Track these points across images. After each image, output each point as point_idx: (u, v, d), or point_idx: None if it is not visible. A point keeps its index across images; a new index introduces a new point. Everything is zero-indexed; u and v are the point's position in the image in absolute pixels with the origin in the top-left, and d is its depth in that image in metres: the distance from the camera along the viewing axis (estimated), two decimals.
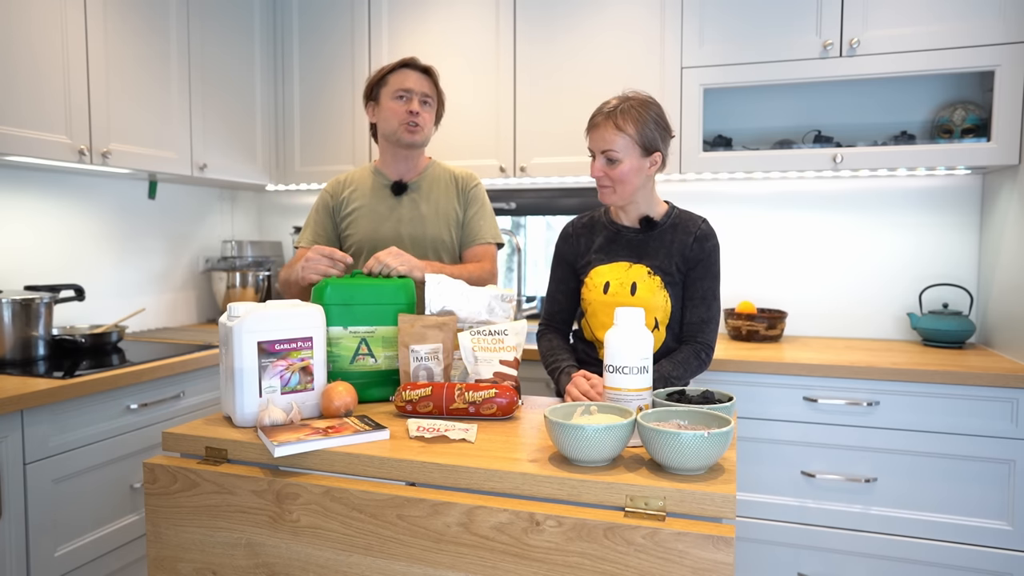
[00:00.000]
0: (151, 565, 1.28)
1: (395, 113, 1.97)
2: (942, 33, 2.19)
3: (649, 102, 1.65)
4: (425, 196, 2.03)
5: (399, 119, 1.97)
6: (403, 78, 1.98)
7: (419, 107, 1.97)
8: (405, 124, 1.96)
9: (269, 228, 3.43)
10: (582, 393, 1.48)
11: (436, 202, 2.03)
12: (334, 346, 1.50)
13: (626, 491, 1.04)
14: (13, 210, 2.29)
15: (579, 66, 2.59)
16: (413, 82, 1.97)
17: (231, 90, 2.79)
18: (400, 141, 1.99)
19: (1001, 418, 1.98)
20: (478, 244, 2.05)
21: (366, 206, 2.04)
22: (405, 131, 1.97)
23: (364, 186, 2.06)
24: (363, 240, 2.02)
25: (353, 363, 1.52)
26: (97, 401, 1.90)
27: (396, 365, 1.56)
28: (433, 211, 2.02)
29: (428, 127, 2.01)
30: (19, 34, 1.97)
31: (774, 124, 2.67)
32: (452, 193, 2.04)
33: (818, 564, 2.15)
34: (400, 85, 1.97)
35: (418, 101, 1.97)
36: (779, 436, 2.16)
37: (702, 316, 1.68)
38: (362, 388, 1.53)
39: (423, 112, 1.98)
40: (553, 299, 1.85)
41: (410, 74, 1.98)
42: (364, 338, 1.52)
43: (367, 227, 2.02)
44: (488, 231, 2.06)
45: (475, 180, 2.08)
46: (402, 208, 2.02)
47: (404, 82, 1.97)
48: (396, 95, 1.97)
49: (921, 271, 2.57)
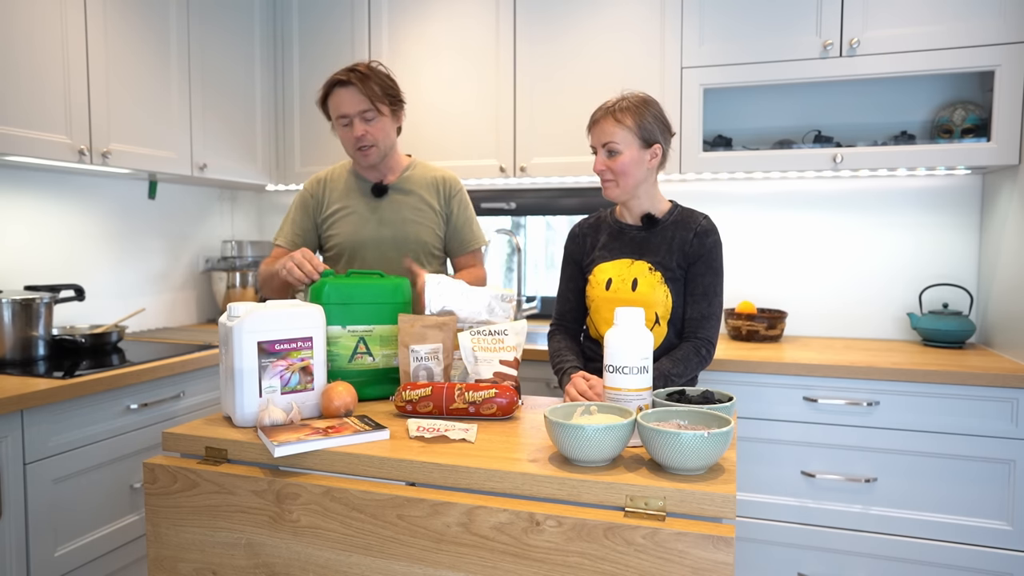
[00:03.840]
0: (151, 565, 1.28)
1: (345, 140, 1.94)
2: (942, 33, 2.19)
3: (648, 100, 1.69)
4: (406, 198, 2.02)
5: (350, 145, 1.94)
6: (338, 102, 1.89)
7: (363, 127, 1.89)
8: (356, 150, 1.93)
9: (269, 228, 3.42)
10: (580, 393, 1.49)
11: (418, 205, 2.02)
12: (332, 345, 1.51)
13: (626, 491, 1.04)
14: (13, 210, 2.29)
15: (579, 66, 2.59)
16: (347, 104, 1.88)
17: (231, 90, 2.79)
18: (360, 164, 1.98)
19: (1001, 418, 1.98)
20: (470, 251, 2.08)
21: (348, 207, 2.02)
22: (360, 156, 1.94)
23: (344, 187, 2.04)
24: (345, 242, 2.01)
25: (351, 362, 1.52)
26: (97, 401, 1.90)
27: (394, 364, 1.57)
28: (415, 214, 2.01)
29: (382, 138, 1.93)
30: (19, 34, 1.97)
31: (774, 124, 2.67)
32: (435, 196, 2.03)
33: (818, 564, 2.15)
34: (337, 111, 1.90)
35: (359, 121, 1.89)
36: (779, 436, 2.16)
37: (702, 312, 1.69)
38: (360, 386, 1.53)
39: (370, 129, 1.90)
40: (563, 299, 1.86)
41: (343, 96, 1.88)
42: (362, 337, 1.53)
43: (349, 229, 2.01)
44: (478, 236, 2.09)
45: (458, 184, 2.07)
46: (383, 210, 2.00)
47: (339, 107, 1.89)
48: (339, 122, 1.92)
49: (921, 271, 2.56)
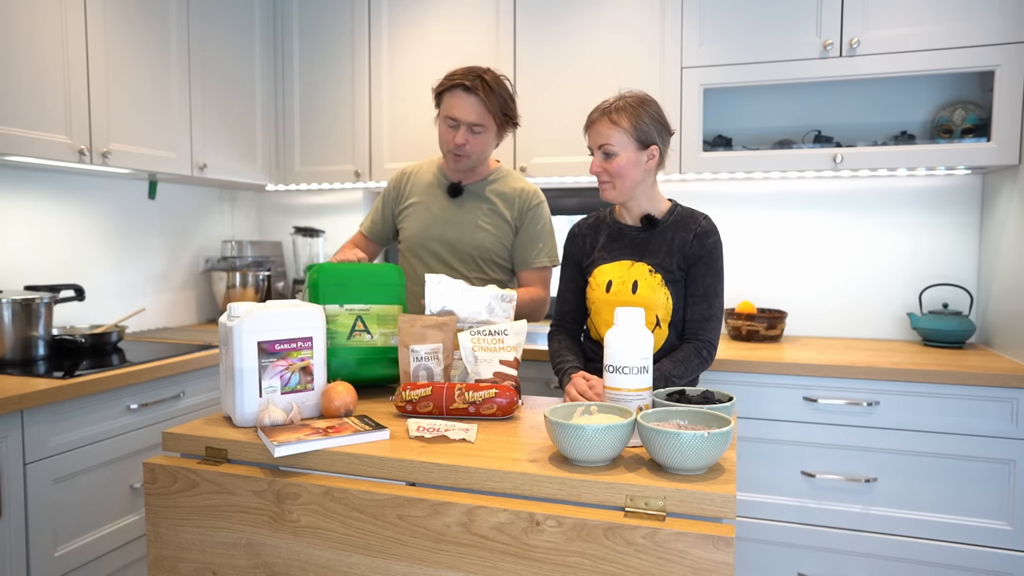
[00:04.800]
0: (151, 565, 1.28)
1: (444, 138, 1.96)
2: (942, 33, 2.19)
3: (645, 99, 1.67)
4: (480, 203, 2.01)
5: (446, 145, 1.96)
6: (452, 104, 1.91)
7: (466, 136, 1.91)
8: (451, 153, 1.96)
9: (269, 228, 3.42)
10: (580, 393, 1.49)
11: (490, 212, 2.00)
12: (331, 323, 1.53)
13: (626, 491, 1.04)
14: (13, 210, 2.29)
15: (579, 66, 2.59)
16: (461, 111, 1.89)
17: (231, 90, 2.79)
18: (448, 166, 2.01)
19: (1001, 418, 1.98)
20: (533, 268, 2.02)
21: (422, 203, 2.05)
22: (451, 158, 1.97)
23: (424, 181, 2.08)
24: (412, 236, 2.04)
25: (350, 338, 1.54)
26: (97, 401, 1.90)
27: (392, 343, 1.58)
28: (485, 221, 2.00)
29: (478, 152, 1.95)
30: (19, 34, 1.97)
31: (774, 124, 2.67)
32: (510, 208, 2.01)
33: (818, 564, 2.15)
34: (448, 112, 1.92)
35: (465, 131, 1.91)
36: (779, 436, 2.16)
37: (703, 313, 1.68)
38: (360, 365, 1.54)
39: (472, 140, 1.92)
40: (563, 299, 1.86)
41: (460, 101, 1.90)
42: (360, 315, 1.55)
43: (418, 224, 2.04)
44: (546, 254, 2.02)
45: (538, 198, 2.03)
46: (455, 211, 2.01)
47: (452, 109, 1.91)
48: (447, 121, 1.93)
49: (921, 271, 2.56)
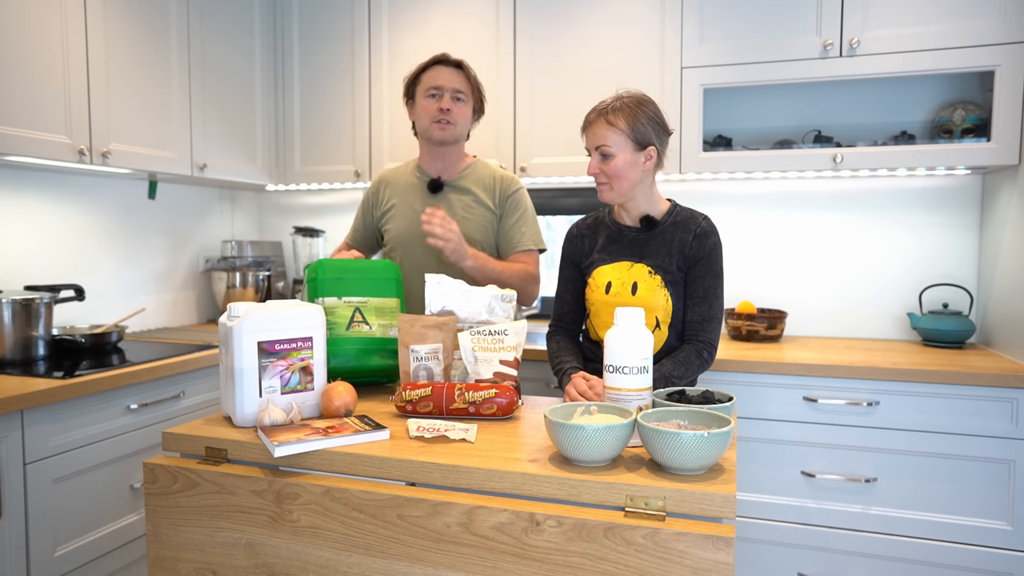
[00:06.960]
0: (151, 565, 1.28)
1: (427, 110, 1.99)
2: (942, 33, 2.19)
3: (642, 100, 1.66)
4: (462, 196, 2.04)
5: (430, 116, 1.99)
6: (435, 75, 1.99)
7: (450, 103, 1.98)
8: (436, 121, 1.98)
9: (269, 228, 3.43)
10: (580, 393, 1.49)
11: (471, 203, 2.03)
12: (330, 315, 1.54)
13: (626, 491, 1.04)
14: (13, 210, 2.29)
15: (579, 67, 2.58)
16: (444, 79, 1.98)
17: (231, 90, 2.79)
18: (432, 138, 2.01)
19: (1001, 418, 1.98)
20: (519, 251, 2.04)
21: (403, 203, 2.07)
22: (436, 128, 1.99)
23: (402, 182, 2.10)
24: (397, 237, 2.06)
25: (349, 329, 1.55)
26: (97, 401, 1.90)
27: (391, 334, 1.59)
28: (467, 212, 2.02)
29: (461, 123, 2.01)
30: (19, 34, 1.97)
31: (774, 124, 2.67)
32: (490, 195, 2.04)
33: (818, 564, 2.15)
34: (431, 83, 1.98)
35: (449, 97, 1.98)
36: (779, 436, 2.16)
37: (703, 314, 1.68)
38: (359, 355, 1.55)
39: (455, 108, 1.99)
40: (561, 300, 1.86)
41: (442, 71, 1.99)
42: (358, 307, 1.57)
43: (403, 224, 2.05)
44: (529, 237, 2.05)
45: (516, 184, 2.07)
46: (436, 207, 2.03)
47: (435, 79, 1.98)
48: (428, 93, 1.99)
49: (921, 271, 2.56)
